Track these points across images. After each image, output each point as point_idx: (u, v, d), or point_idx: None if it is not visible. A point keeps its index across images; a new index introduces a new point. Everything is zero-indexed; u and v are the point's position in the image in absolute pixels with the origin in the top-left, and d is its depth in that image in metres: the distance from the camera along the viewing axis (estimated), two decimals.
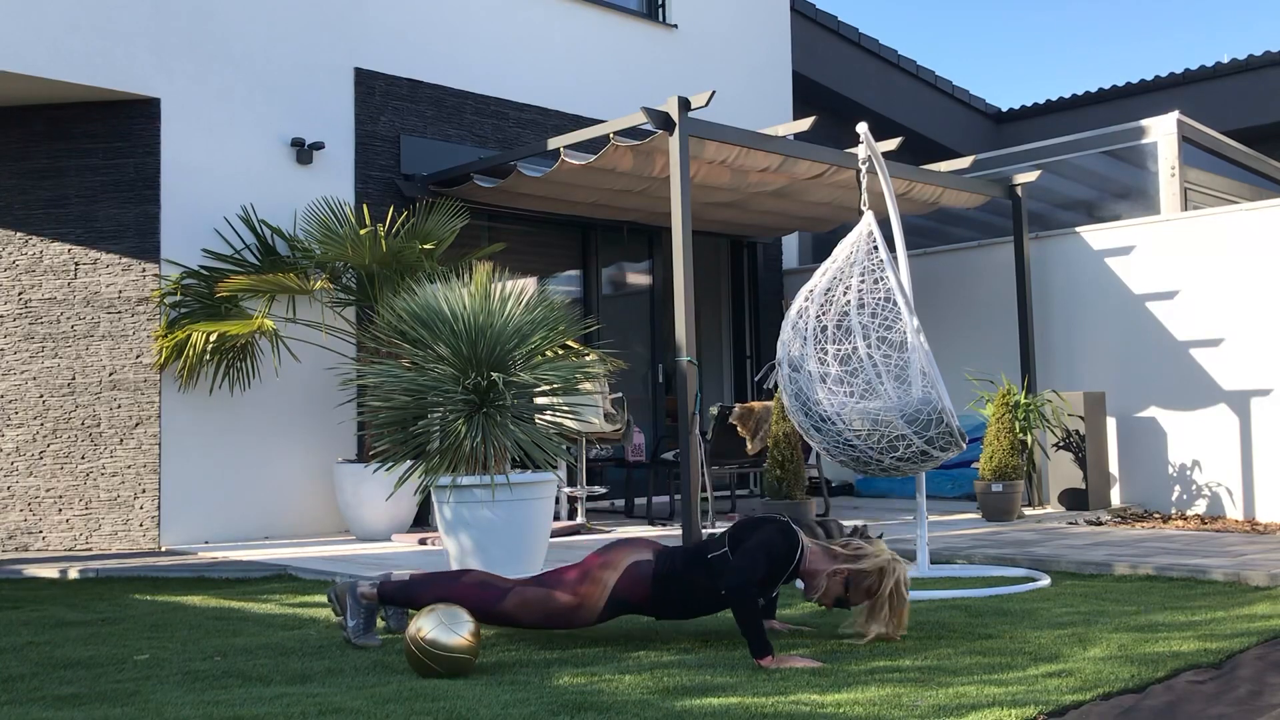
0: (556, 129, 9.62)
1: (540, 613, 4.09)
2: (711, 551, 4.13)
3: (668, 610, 4.20)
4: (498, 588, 4.13)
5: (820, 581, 4.13)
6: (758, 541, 4.03)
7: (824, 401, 5.46)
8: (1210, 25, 31.66)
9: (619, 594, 4.09)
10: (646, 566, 4.12)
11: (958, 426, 5.46)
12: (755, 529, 4.12)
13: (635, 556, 4.14)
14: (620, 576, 4.09)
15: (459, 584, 4.15)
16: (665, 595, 4.12)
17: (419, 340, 5.84)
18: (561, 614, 4.09)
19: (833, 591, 4.14)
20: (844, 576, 4.12)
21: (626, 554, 4.15)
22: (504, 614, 4.09)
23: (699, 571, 4.11)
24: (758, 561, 3.97)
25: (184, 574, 6.46)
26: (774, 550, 4.03)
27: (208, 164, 7.93)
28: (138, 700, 3.49)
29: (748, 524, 4.17)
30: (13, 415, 7.70)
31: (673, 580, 4.11)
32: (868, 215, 5.88)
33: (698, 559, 4.14)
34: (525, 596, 4.10)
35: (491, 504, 5.53)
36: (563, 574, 4.17)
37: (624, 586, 4.09)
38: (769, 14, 11.63)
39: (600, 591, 4.08)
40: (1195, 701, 3.32)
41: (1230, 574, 5.54)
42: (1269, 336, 8.52)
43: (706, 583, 4.10)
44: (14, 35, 7.18)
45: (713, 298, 11.50)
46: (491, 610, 4.08)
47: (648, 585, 4.10)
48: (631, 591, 4.10)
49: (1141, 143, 10.32)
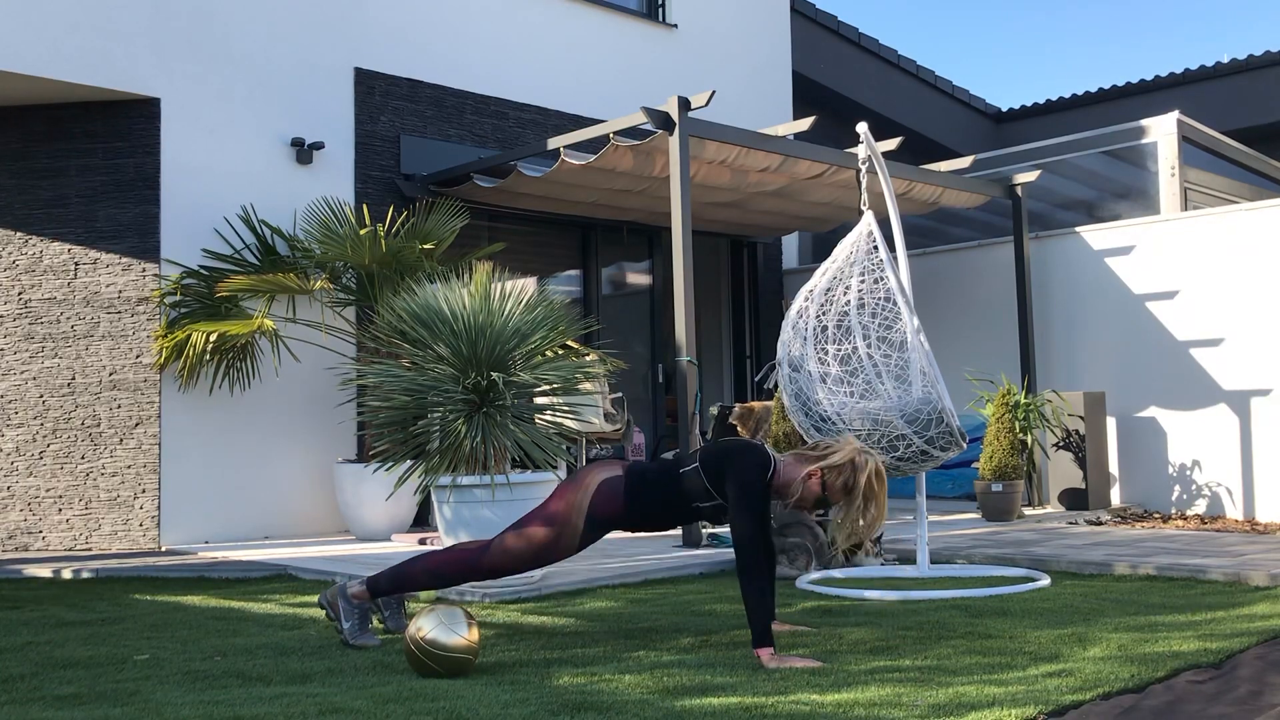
0: (556, 129, 9.62)
1: (526, 552, 4.16)
2: (682, 467, 4.19)
3: (643, 522, 4.26)
4: (478, 544, 4.25)
5: (796, 488, 4.13)
6: (736, 491, 4.02)
7: (824, 401, 5.47)
8: (1210, 25, 31.67)
9: (595, 512, 4.15)
10: (618, 482, 4.18)
11: (958, 426, 5.46)
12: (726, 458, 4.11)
13: (605, 474, 4.21)
14: (593, 495, 4.15)
15: (440, 554, 4.26)
16: (639, 507, 4.18)
17: (419, 340, 5.84)
18: (545, 547, 4.15)
19: (810, 494, 4.14)
20: (818, 476, 4.11)
21: (596, 473, 4.22)
22: (493, 565, 4.18)
23: (671, 483, 4.18)
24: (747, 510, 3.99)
25: (184, 574, 6.46)
26: (751, 484, 4.03)
27: (208, 164, 7.93)
28: (138, 700, 3.49)
29: (718, 452, 4.17)
30: (13, 415, 7.70)
31: (646, 492, 4.17)
32: (868, 215, 5.88)
33: (668, 472, 4.21)
34: (506, 543, 4.18)
35: (491, 504, 5.53)
36: (535, 511, 4.24)
37: (599, 504, 4.15)
38: (769, 14, 11.63)
39: (577, 515, 4.14)
40: (1195, 701, 3.32)
41: (1230, 574, 5.54)
42: (1269, 336, 8.52)
43: (678, 496, 4.17)
44: (14, 35, 7.18)
45: (713, 298, 11.50)
46: (480, 565, 4.18)
47: (621, 498, 4.16)
48: (607, 507, 4.15)
49: (1141, 143, 10.32)
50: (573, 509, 4.15)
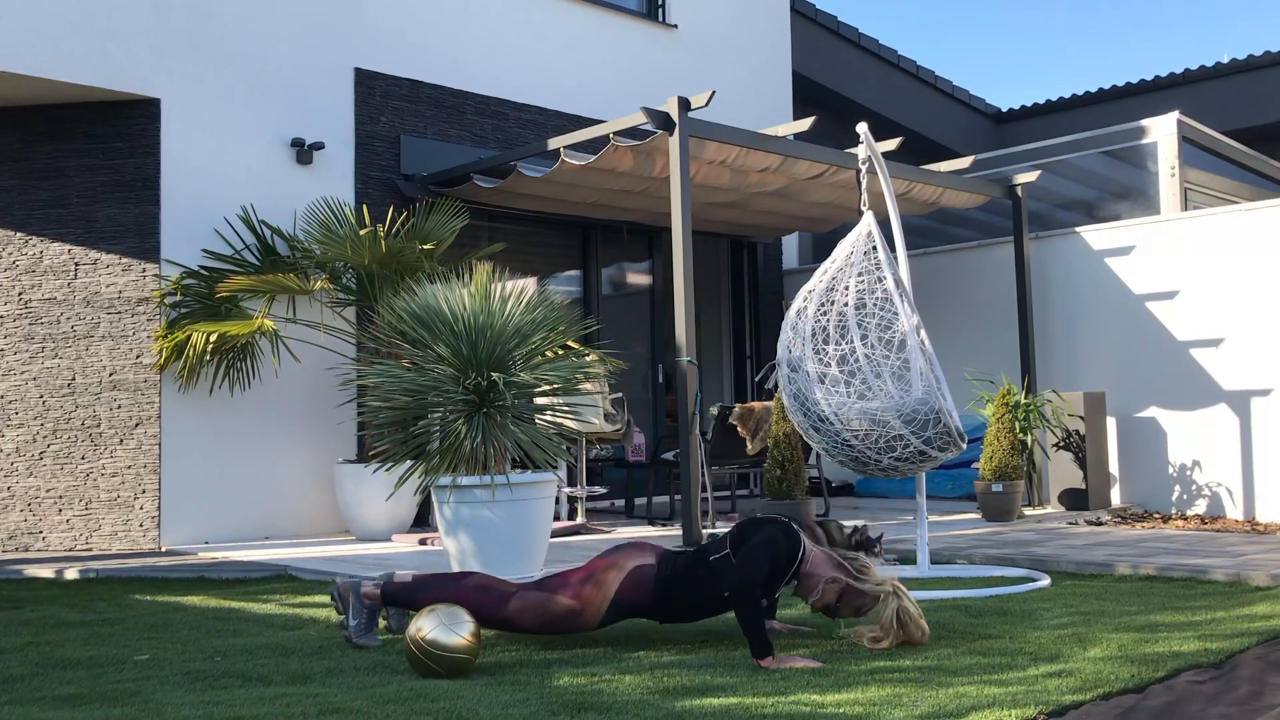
0: (556, 129, 9.62)
1: (542, 617, 4.09)
2: (713, 554, 4.13)
3: (670, 614, 4.20)
4: (500, 592, 4.13)
5: (817, 585, 4.14)
6: (760, 541, 4.03)
7: (822, 402, 5.46)
8: (1210, 25, 31.67)
9: (621, 597, 4.10)
10: (649, 570, 4.12)
11: (956, 426, 5.45)
12: (757, 529, 4.12)
13: (638, 560, 4.15)
14: (623, 580, 4.10)
15: (461, 587, 4.15)
16: (668, 598, 4.13)
17: (419, 340, 5.84)
18: (563, 618, 4.09)
19: (825, 598, 4.16)
20: (840, 588, 4.13)
21: (629, 558, 4.15)
22: (506, 619, 4.10)
23: (701, 574, 4.12)
24: (760, 560, 3.98)
25: (184, 574, 6.46)
26: (776, 549, 4.04)
27: (208, 164, 7.93)
28: (138, 700, 3.49)
29: (749, 524, 4.17)
30: (13, 415, 7.70)
31: (675, 583, 4.11)
32: (868, 215, 5.88)
33: (699, 561, 4.15)
34: (527, 601, 4.10)
35: (491, 504, 5.53)
36: (564, 577, 4.16)
37: (626, 590, 4.09)
38: (769, 14, 11.63)
39: (603, 595, 4.09)
40: (1195, 701, 3.32)
41: (1231, 574, 5.54)
42: (1269, 336, 8.52)
43: (709, 585, 4.10)
44: (14, 35, 7.18)
45: (713, 298, 11.50)
46: (494, 615, 4.09)
47: (650, 588, 4.10)
48: (634, 595, 4.10)
49: (1141, 143, 10.32)
50: (601, 589, 4.09)
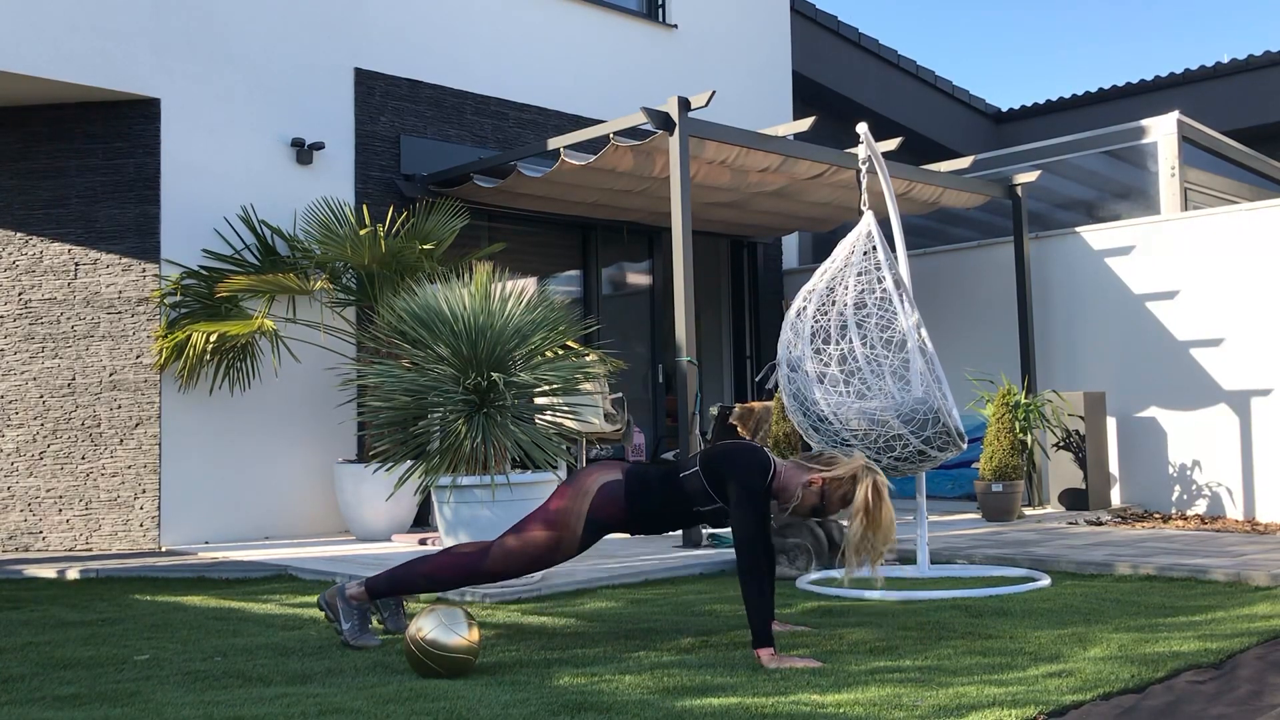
0: (556, 129, 9.62)
1: (526, 555, 4.15)
2: (683, 471, 4.18)
3: (644, 525, 4.25)
4: (477, 549, 4.22)
5: (795, 493, 4.13)
6: (737, 492, 4.02)
7: (821, 401, 5.46)
8: (1210, 25, 31.67)
9: (595, 515, 4.14)
10: (618, 486, 4.17)
11: (955, 426, 5.45)
12: (727, 461, 4.11)
13: (606, 477, 4.19)
14: (594, 498, 4.14)
15: (440, 558, 4.24)
16: (640, 511, 4.18)
17: (419, 340, 5.84)
18: (546, 550, 4.14)
19: (808, 501, 4.14)
20: (819, 485, 4.11)
21: (596, 476, 4.20)
22: (493, 569, 4.16)
23: (671, 487, 4.17)
24: (747, 511, 3.99)
25: (184, 574, 6.46)
26: (752, 485, 4.03)
27: (208, 164, 7.93)
28: (138, 700, 3.49)
29: (720, 454, 4.16)
30: (13, 415, 7.70)
31: (647, 494, 4.16)
32: (868, 215, 5.88)
33: (670, 476, 4.20)
34: (506, 546, 4.17)
35: (492, 504, 5.53)
36: (534, 514, 4.22)
37: (599, 507, 4.14)
38: (769, 14, 11.63)
39: (576, 518, 4.13)
40: (1195, 701, 3.32)
41: (1231, 574, 5.54)
42: (1269, 336, 8.52)
43: (679, 499, 4.16)
44: (14, 35, 7.18)
45: (713, 298, 11.50)
46: (480, 569, 4.16)
47: (622, 502, 4.15)
48: (607, 510, 4.15)
49: (1141, 143, 10.32)
50: (572, 512, 4.14)
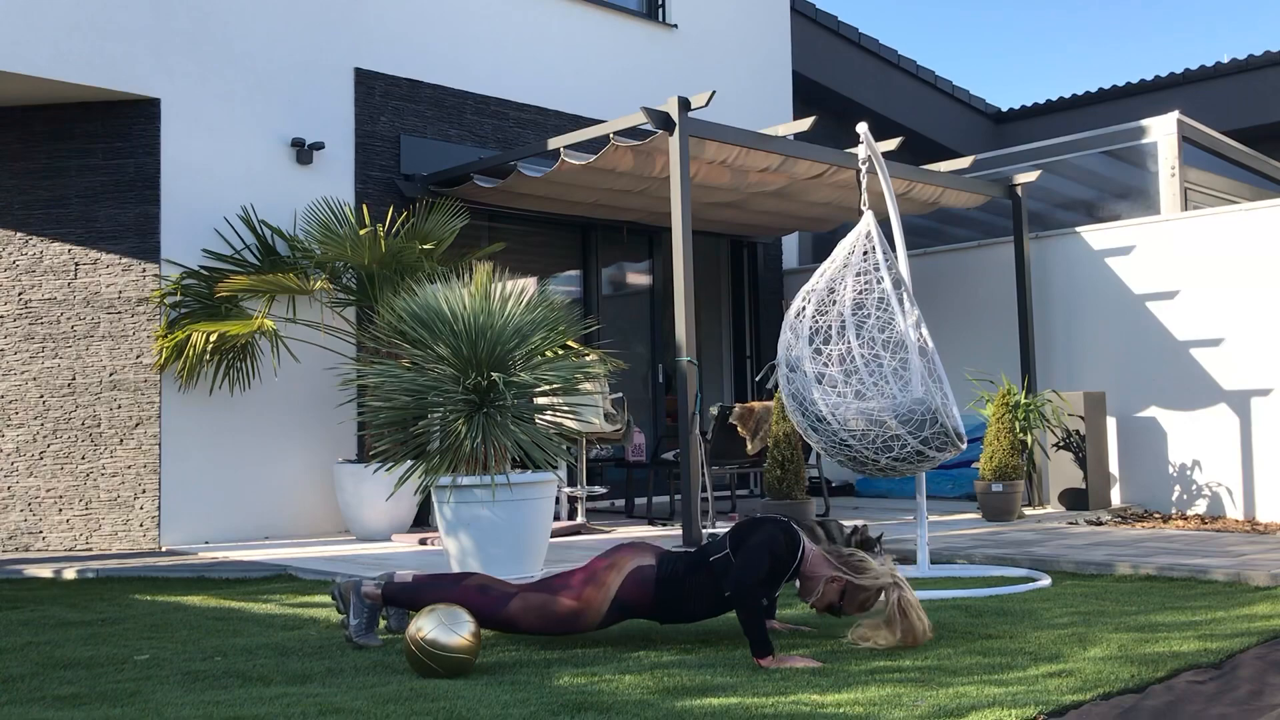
0: (556, 129, 9.62)
1: (543, 617, 4.09)
2: (713, 554, 4.14)
3: (670, 614, 4.21)
4: (500, 593, 4.13)
5: (817, 586, 4.15)
6: (760, 540, 4.04)
7: (819, 402, 5.46)
8: (1210, 25, 31.67)
9: (622, 598, 4.10)
10: (650, 570, 4.13)
11: (953, 426, 5.44)
12: (756, 529, 4.12)
13: (638, 561, 4.15)
14: (624, 580, 4.10)
15: (461, 588, 4.15)
16: (668, 599, 4.13)
17: (419, 340, 5.84)
18: (564, 619, 4.09)
19: (827, 597, 4.17)
20: (841, 585, 4.13)
21: (630, 558, 4.16)
22: (506, 619, 4.10)
23: (701, 575, 4.12)
24: (761, 560, 3.99)
25: (184, 574, 6.46)
26: (776, 549, 4.04)
27: (208, 164, 7.93)
28: (138, 700, 3.49)
29: (749, 524, 4.17)
30: (13, 415, 7.70)
31: (675, 584, 4.12)
32: (868, 215, 5.88)
33: (700, 562, 4.15)
34: (528, 602, 4.10)
35: (491, 504, 5.53)
36: (565, 579, 4.16)
37: (627, 590, 4.10)
38: (769, 14, 11.63)
39: (604, 596, 4.09)
40: (1195, 701, 3.32)
41: (1231, 574, 5.54)
42: (1269, 336, 8.52)
43: (709, 586, 4.11)
44: (14, 35, 7.18)
45: (713, 298, 11.50)
46: (494, 615, 4.09)
47: (651, 589, 4.11)
48: (634, 595, 4.11)
49: (1141, 143, 10.32)
50: (601, 590, 4.09)
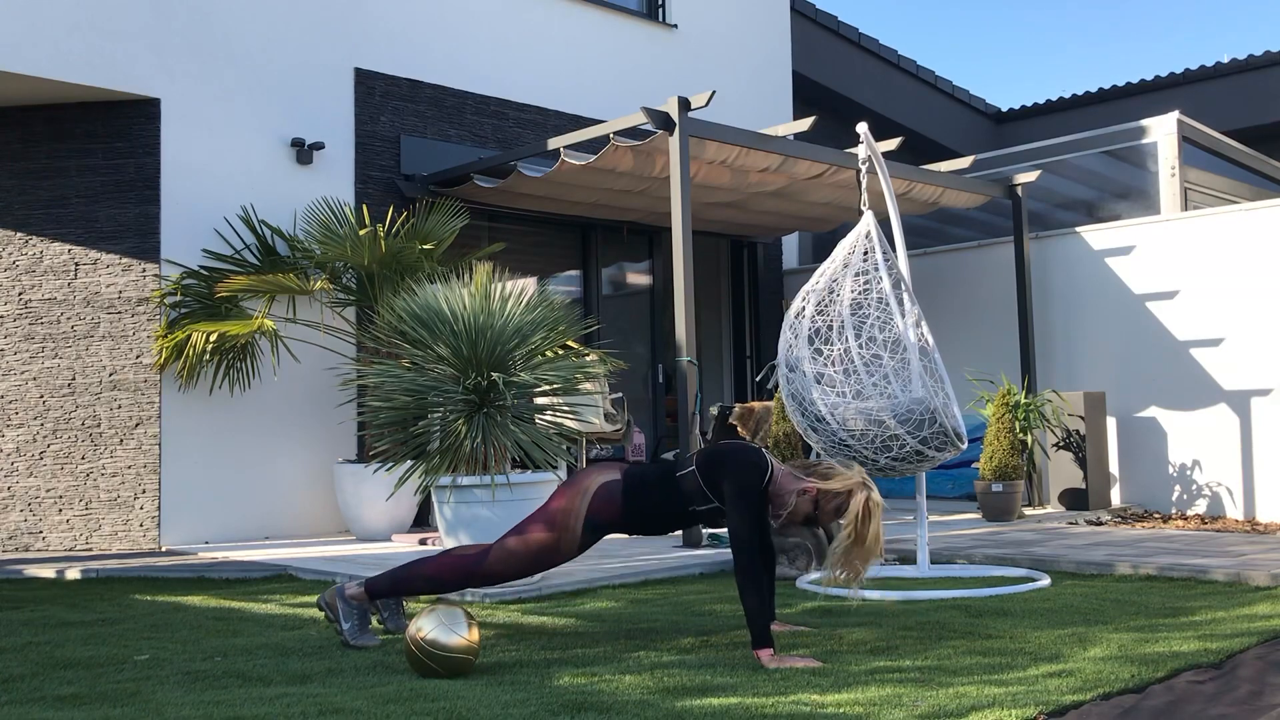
0: (556, 129, 9.62)
1: (526, 557, 4.17)
2: (679, 470, 4.20)
3: (641, 525, 4.28)
4: (477, 550, 4.24)
5: (789, 499, 4.12)
6: (733, 490, 4.04)
7: (819, 402, 5.46)
8: (1210, 25, 31.68)
9: (594, 515, 4.17)
10: (615, 485, 4.20)
11: (953, 426, 5.44)
12: (723, 461, 4.12)
13: (604, 478, 4.23)
14: (592, 499, 4.17)
15: (440, 559, 4.26)
16: (637, 510, 4.20)
17: (419, 340, 5.84)
18: (545, 551, 4.17)
19: (801, 510, 4.13)
20: (813, 495, 4.11)
21: (594, 477, 4.23)
22: (493, 571, 4.19)
23: (668, 486, 4.20)
24: (745, 508, 4.01)
25: (184, 574, 6.46)
26: (748, 486, 4.04)
27: (208, 164, 7.93)
28: (138, 700, 3.49)
29: (715, 454, 4.18)
30: (13, 415, 7.70)
31: (642, 494, 4.19)
32: (868, 215, 5.88)
33: (666, 475, 4.23)
34: (506, 547, 4.19)
35: (492, 504, 5.53)
36: (534, 514, 4.24)
37: (597, 508, 4.17)
38: (769, 14, 11.63)
39: (575, 519, 4.16)
40: (1195, 701, 3.32)
41: (1231, 574, 5.54)
42: (1269, 336, 8.52)
43: (676, 499, 4.18)
44: (14, 35, 7.18)
45: (713, 298, 11.50)
46: (479, 571, 4.19)
47: (619, 502, 4.18)
48: (605, 511, 4.17)
49: (1141, 143, 10.32)
50: (571, 512, 4.16)
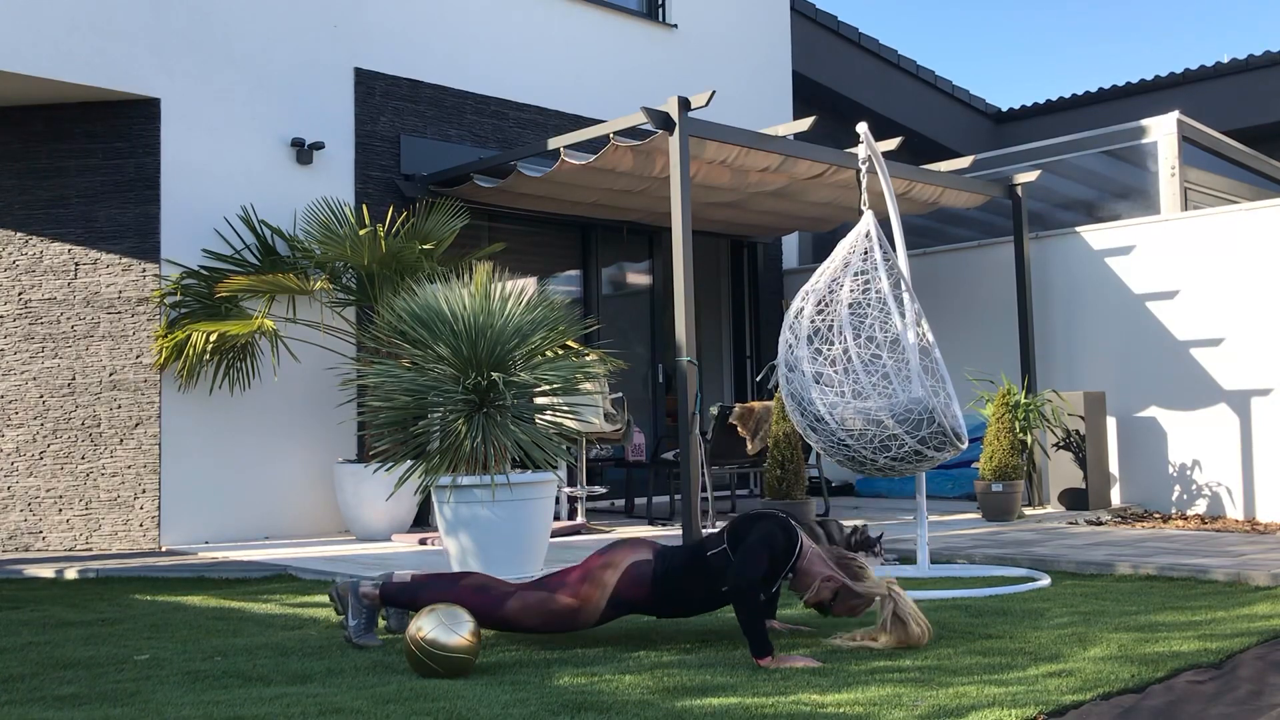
0: (556, 129, 9.62)
1: (541, 615, 4.10)
2: (710, 549, 4.15)
3: (668, 609, 4.22)
4: (499, 592, 4.15)
5: (812, 582, 4.14)
6: (758, 537, 4.04)
7: (818, 401, 5.46)
8: (1210, 25, 31.68)
9: (620, 594, 4.11)
10: (646, 566, 4.13)
11: (951, 426, 5.44)
12: (754, 524, 4.12)
13: (635, 557, 4.16)
14: (620, 577, 4.11)
15: (459, 588, 4.16)
16: (665, 594, 4.14)
17: (419, 340, 5.84)
18: (563, 616, 4.10)
19: (820, 595, 4.16)
20: (835, 586, 4.14)
21: (626, 554, 4.17)
22: (505, 618, 4.11)
23: (698, 569, 4.13)
24: (759, 557, 3.99)
25: (184, 574, 6.46)
26: (774, 545, 4.04)
27: (208, 164, 7.93)
28: (138, 700, 3.49)
29: (746, 520, 4.18)
30: (13, 415, 7.70)
31: (672, 579, 4.13)
32: (868, 215, 5.88)
33: (697, 557, 4.16)
34: (526, 600, 4.11)
35: (491, 504, 5.53)
36: (563, 576, 4.18)
37: (624, 587, 4.11)
38: (769, 14, 11.63)
39: (601, 593, 4.10)
40: (1195, 701, 3.32)
41: (1231, 574, 5.54)
42: (1269, 336, 8.52)
43: (706, 581, 4.12)
44: (14, 35, 7.18)
45: (713, 298, 11.49)
46: (492, 614, 4.10)
47: (648, 585, 4.12)
48: (632, 591, 4.12)
49: (1141, 143, 10.32)
50: (598, 586, 4.11)
